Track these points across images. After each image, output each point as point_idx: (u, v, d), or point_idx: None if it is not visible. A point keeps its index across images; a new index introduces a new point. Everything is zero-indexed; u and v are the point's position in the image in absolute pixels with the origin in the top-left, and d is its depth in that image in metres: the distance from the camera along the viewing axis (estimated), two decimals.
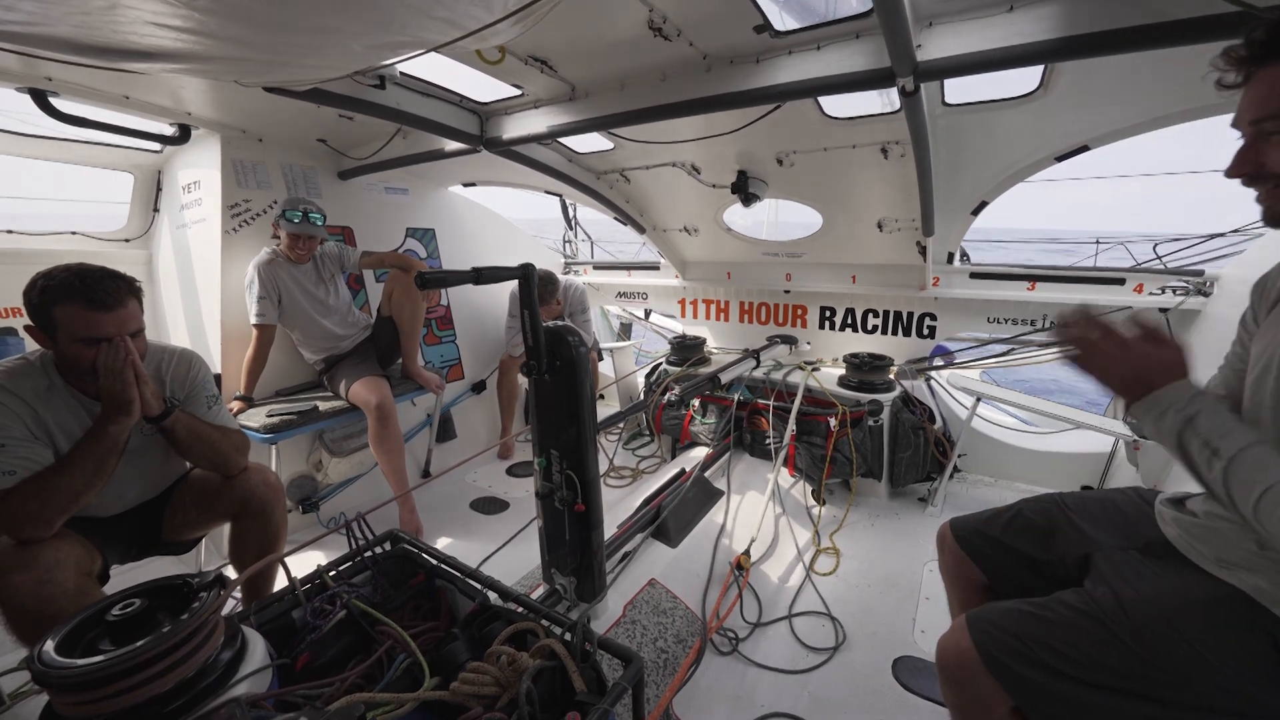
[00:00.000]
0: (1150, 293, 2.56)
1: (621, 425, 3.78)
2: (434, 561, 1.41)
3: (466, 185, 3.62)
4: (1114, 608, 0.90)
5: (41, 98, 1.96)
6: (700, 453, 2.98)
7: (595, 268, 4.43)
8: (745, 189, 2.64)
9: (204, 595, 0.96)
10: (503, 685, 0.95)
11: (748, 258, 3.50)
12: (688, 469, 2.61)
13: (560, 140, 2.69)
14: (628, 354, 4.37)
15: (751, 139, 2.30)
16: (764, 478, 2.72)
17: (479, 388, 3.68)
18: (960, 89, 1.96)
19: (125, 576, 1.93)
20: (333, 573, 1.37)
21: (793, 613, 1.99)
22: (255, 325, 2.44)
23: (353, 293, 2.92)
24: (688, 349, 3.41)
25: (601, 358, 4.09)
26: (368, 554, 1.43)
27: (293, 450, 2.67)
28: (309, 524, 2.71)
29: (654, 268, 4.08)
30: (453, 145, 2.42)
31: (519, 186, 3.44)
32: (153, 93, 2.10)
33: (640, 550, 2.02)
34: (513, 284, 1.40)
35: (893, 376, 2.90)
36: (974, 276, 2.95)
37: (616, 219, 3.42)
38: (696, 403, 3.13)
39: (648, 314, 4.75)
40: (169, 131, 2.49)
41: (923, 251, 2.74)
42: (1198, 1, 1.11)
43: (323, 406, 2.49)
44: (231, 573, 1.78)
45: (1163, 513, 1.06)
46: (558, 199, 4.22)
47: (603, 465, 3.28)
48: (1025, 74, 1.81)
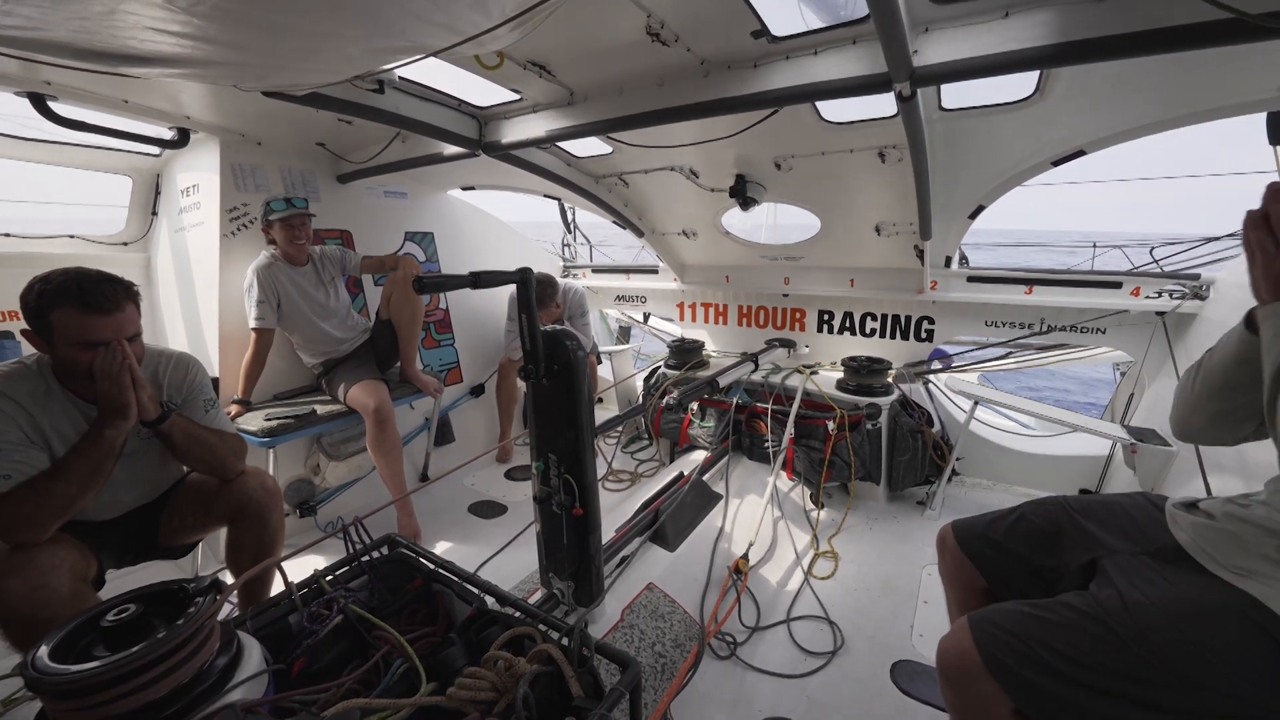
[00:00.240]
0: (1147, 296, 2.57)
1: (620, 428, 3.77)
2: (431, 566, 1.41)
3: (466, 189, 3.63)
4: (1119, 610, 0.90)
5: (40, 102, 1.96)
6: (699, 456, 2.98)
7: (594, 271, 4.43)
8: (743, 193, 2.65)
9: (199, 600, 0.95)
10: (500, 690, 0.95)
11: (746, 261, 3.50)
12: (686, 472, 2.61)
13: (559, 144, 2.70)
14: (626, 357, 4.37)
15: (749, 143, 2.30)
16: (762, 481, 2.72)
17: (477, 391, 3.67)
18: (957, 93, 1.98)
19: (121, 581, 1.93)
20: (329, 577, 1.36)
21: (791, 617, 1.99)
22: (254, 329, 2.44)
23: (351, 296, 2.92)
24: (686, 352, 3.41)
25: (600, 361, 4.09)
26: (365, 558, 1.43)
27: (290, 454, 2.67)
28: (306, 528, 2.71)
29: (653, 271, 4.09)
30: (451, 149, 2.42)
31: (518, 190, 3.45)
32: (152, 97, 2.10)
33: (638, 554, 2.01)
34: (512, 287, 1.40)
35: (891, 380, 2.90)
36: (971, 280, 2.96)
37: (615, 222, 3.43)
38: (695, 406, 3.13)
39: (646, 317, 4.75)
40: (168, 135, 2.49)
41: (920, 255, 2.75)
42: (1190, 8, 1.12)
43: (320, 410, 2.49)
44: (228, 577, 1.77)
45: (1175, 516, 1.04)
46: (556, 202, 4.23)
47: (601, 469, 3.28)
48: (1022, 79, 1.83)
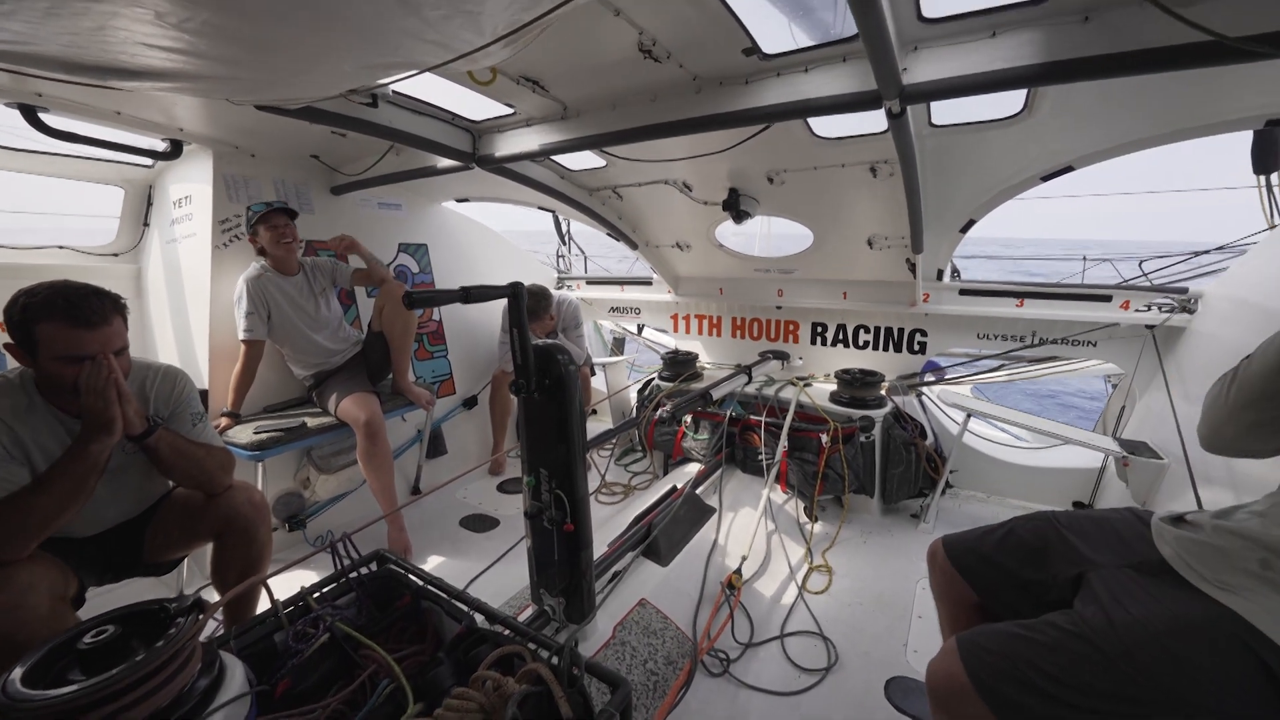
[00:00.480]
0: (1136, 309, 2.59)
1: (614, 441, 3.76)
2: (420, 582, 1.39)
3: (460, 200, 3.64)
4: (1104, 628, 0.90)
5: (31, 113, 1.95)
6: (692, 469, 2.97)
7: (588, 282, 4.44)
8: (736, 206, 2.67)
9: (181, 621, 0.94)
10: (488, 712, 0.93)
11: (740, 273, 3.52)
12: (680, 485, 2.59)
13: (552, 158, 2.71)
14: (621, 369, 4.37)
15: (742, 157, 2.32)
16: (756, 494, 2.71)
17: (470, 403, 3.65)
18: (947, 109, 2.00)
19: (103, 599, 1.89)
20: (316, 594, 1.35)
21: (785, 632, 1.97)
22: (244, 341, 2.42)
23: (344, 308, 2.91)
24: (680, 364, 3.41)
25: (594, 372, 4.09)
26: (353, 575, 1.41)
27: (280, 467, 2.64)
28: (295, 542, 2.67)
29: (647, 283, 4.10)
30: (445, 162, 2.43)
31: (512, 202, 3.46)
32: (145, 108, 2.10)
33: (630, 569, 2.00)
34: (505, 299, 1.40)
35: (884, 392, 2.91)
36: (963, 293, 2.98)
37: (609, 235, 3.44)
38: (689, 418, 3.13)
39: (640, 329, 4.76)
40: (160, 147, 2.49)
41: (912, 268, 2.77)
42: (1171, 30, 1.14)
43: (311, 423, 2.46)
44: (213, 594, 1.74)
45: (1161, 530, 1.04)
46: (551, 214, 4.25)
47: (594, 481, 3.26)
48: (1010, 96, 1.85)
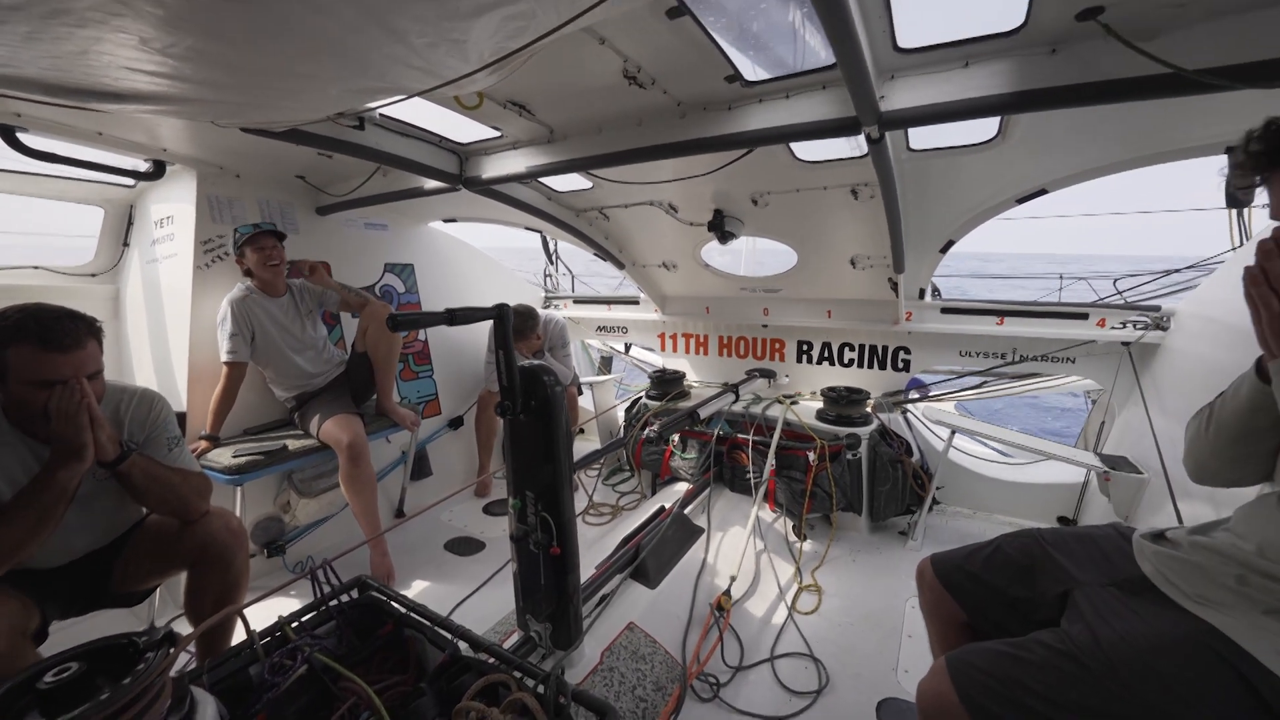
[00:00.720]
0: (1112, 326, 2.66)
1: (601, 461, 3.73)
2: (403, 610, 1.36)
3: (447, 221, 3.65)
4: (1091, 646, 0.90)
5: (9, 134, 1.93)
6: (680, 488, 2.95)
7: (575, 302, 4.45)
8: (722, 227, 2.71)
9: (150, 656, 0.90)
10: None
11: (726, 293, 3.55)
12: (668, 505, 2.57)
13: (540, 179, 2.74)
14: (608, 388, 4.36)
15: (727, 180, 2.36)
16: (745, 513, 2.69)
17: (456, 423, 3.62)
18: (924, 135, 2.06)
19: (67, 633, 1.81)
20: (295, 624, 1.31)
21: (775, 654, 1.95)
22: (226, 363, 2.38)
23: (329, 328, 2.88)
24: (667, 383, 3.41)
25: (581, 391, 4.08)
26: (333, 603, 1.37)
27: (259, 491, 2.57)
28: (274, 568, 2.60)
29: (634, 302, 4.12)
30: (432, 184, 2.44)
31: (500, 223, 3.48)
32: (127, 129, 2.09)
33: (619, 592, 1.97)
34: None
35: (870, 410, 2.93)
36: (945, 311, 3.03)
37: (596, 255, 3.46)
38: (676, 437, 3.12)
39: (628, 348, 4.76)
40: (143, 167, 2.47)
41: (895, 287, 2.82)
42: (1133, 63, 1.20)
43: (292, 445, 2.41)
44: (186, 626, 1.68)
45: (1142, 547, 1.06)
46: (539, 235, 4.27)
47: (582, 502, 3.22)
48: (984, 122, 1.91)
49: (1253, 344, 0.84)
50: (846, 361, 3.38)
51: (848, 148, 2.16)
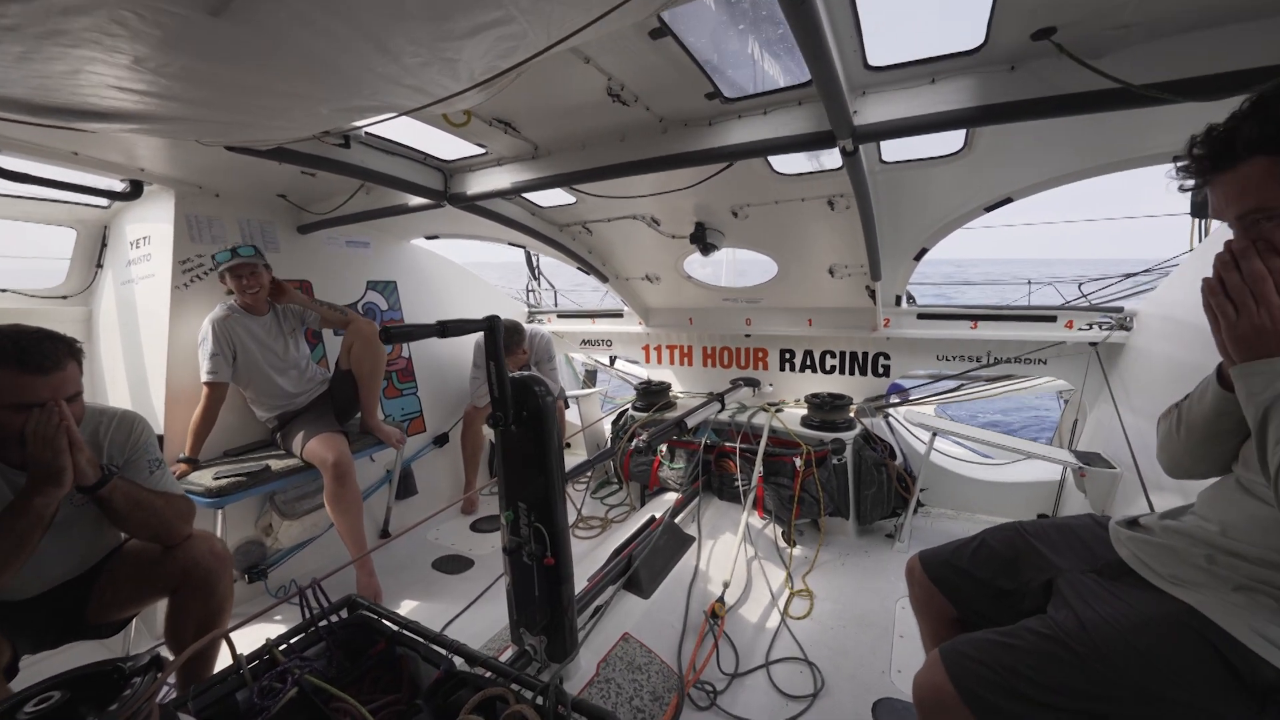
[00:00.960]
0: (1080, 328, 2.76)
1: (589, 474, 3.72)
2: (394, 628, 1.34)
3: (429, 237, 3.65)
4: (1076, 630, 0.94)
5: None
6: (670, 498, 2.96)
7: (559, 316, 4.47)
8: (703, 239, 2.76)
9: (137, 681, 0.88)
10: None
11: (709, 303, 3.61)
12: (658, 515, 2.58)
13: (523, 195, 2.77)
14: (593, 401, 4.36)
15: (707, 193, 2.42)
16: (734, 521, 2.71)
17: (441, 440, 3.58)
18: (896, 148, 2.14)
19: (37, 667, 1.73)
20: (283, 646, 1.28)
21: (770, 660, 1.96)
22: (206, 384, 2.34)
23: (310, 346, 2.84)
24: (653, 394, 3.44)
25: (567, 405, 4.07)
26: (322, 623, 1.35)
27: (240, 514, 2.51)
28: (256, 594, 2.52)
29: (617, 315, 4.15)
30: (416, 200, 2.45)
31: (483, 239, 3.49)
32: (104, 149, 2.06)
33: (612, 603, 1.96)
34: (477, 335, 1.41)
35: (853, 415, 2.99)
36: (921, 317, 3.12)
37: (579, 268, 3.49)
38: (664, 448, 3.13)
39: (613, 360, 4.78)
40: (119, 187, 2.43)
41: (872, 295, 2.89)
42: (1085, 79, 1.28)
43: (275, 466, 2.37)
44: (167, 654, 1.63)
45: (1118, 534, 1.11)
46: (523, 251, 4.29)
47: (570, 516, 3.20)
48: (951, 135, 2.00)
49: (1210, 341, 0.89)
50: (828, 368, 3.45)
51: (824, 161, 2.24)
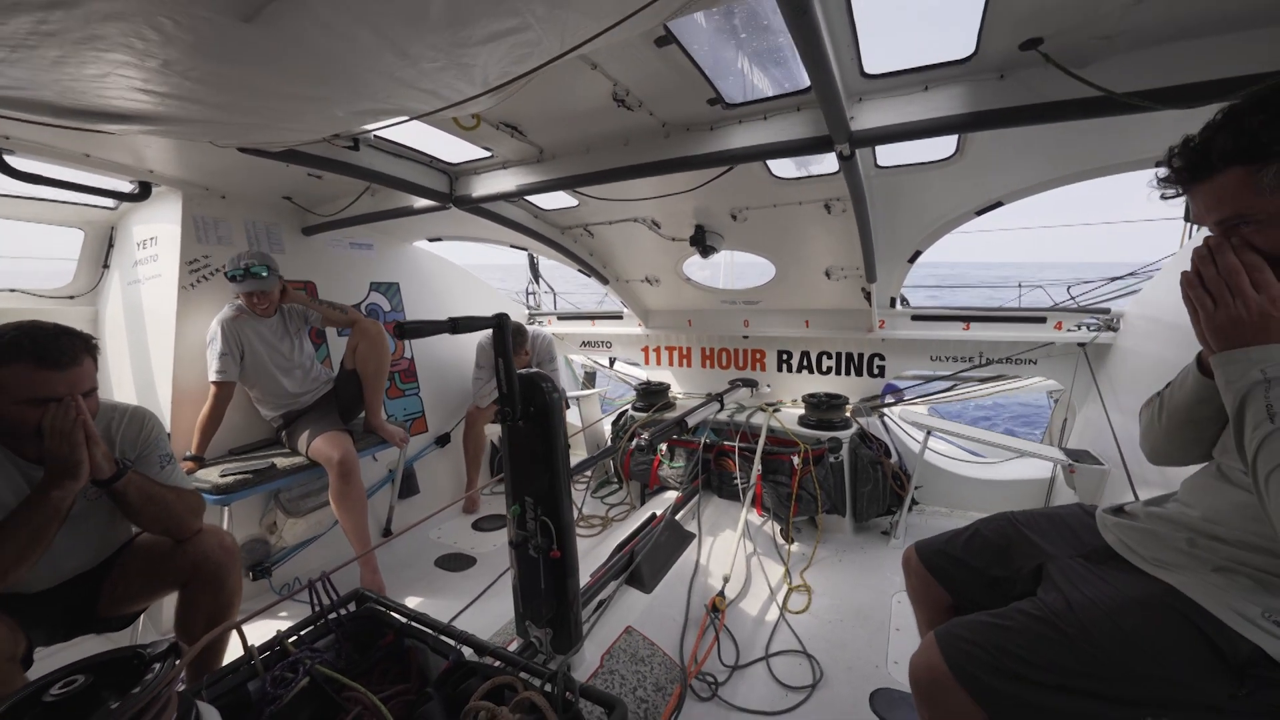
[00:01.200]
0: (1068, 329, 2.82)
1: (589, 473, 3.75)
2: (403, 620, 1.37)
3: (432, 240, 3.68)
4: (1065, 611, 0.98)
5: None
6: (670, 496, 3.00)
7: (559, 318, 4.51)
8: (703, 241, 2.81)
9: (156, 667, 0.91)
10: None
11: (707, 305, 3.66)
12: (659, 513, 2.61)
13: (527, 198, 2.81)
14: (593, 402, 4.40)
15: (707, 196, 2.47)
16: (734, 518, 2.75)
17: (443, 440, 3.60)
18: (890, 152, 2.19)
19: (50, 660, 1.75)
20: (293, 638, 1.31)
21: (769, 653, 1.99)
22: (214, 382, 2.36)
23: (315, 346, 2.87)
24: (653, 395, 3.48)
25: (568, 406, 4.10)
26: (332, 616, 1.37)
27: (245, 512, 2.53)
28: (260, 591, 2.54)
29: (617, 317, 4.19)
30: (421, 202, 2.49)
31: (486, 241, 3.53)
32: (115, 151, 2.09)
33: (615, 597, 1.99)
34: (479, 335, 1.45)
35: (849, 414, 3.04)
36: (915, 319, 3.18)
37: (580, 271, 3.53)
38: (664, 447, 3.17)
39: (612, 362, 4.82)
40: (128, 188, 2.46)
41: (867, 297, 2.95)
42: (1071, 87, 1.34)
43: (281, 463, 2.39)
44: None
45: (1104, 520, 1.16)
46: (526, 254, 4.32)
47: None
48: (944, 140, 2.06)
49: (1193, 340, 0.93)
50: (825, 369, 3.50)
51: (821, 165, 2.29)
